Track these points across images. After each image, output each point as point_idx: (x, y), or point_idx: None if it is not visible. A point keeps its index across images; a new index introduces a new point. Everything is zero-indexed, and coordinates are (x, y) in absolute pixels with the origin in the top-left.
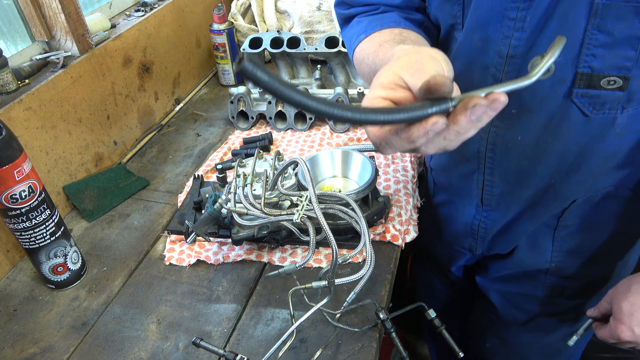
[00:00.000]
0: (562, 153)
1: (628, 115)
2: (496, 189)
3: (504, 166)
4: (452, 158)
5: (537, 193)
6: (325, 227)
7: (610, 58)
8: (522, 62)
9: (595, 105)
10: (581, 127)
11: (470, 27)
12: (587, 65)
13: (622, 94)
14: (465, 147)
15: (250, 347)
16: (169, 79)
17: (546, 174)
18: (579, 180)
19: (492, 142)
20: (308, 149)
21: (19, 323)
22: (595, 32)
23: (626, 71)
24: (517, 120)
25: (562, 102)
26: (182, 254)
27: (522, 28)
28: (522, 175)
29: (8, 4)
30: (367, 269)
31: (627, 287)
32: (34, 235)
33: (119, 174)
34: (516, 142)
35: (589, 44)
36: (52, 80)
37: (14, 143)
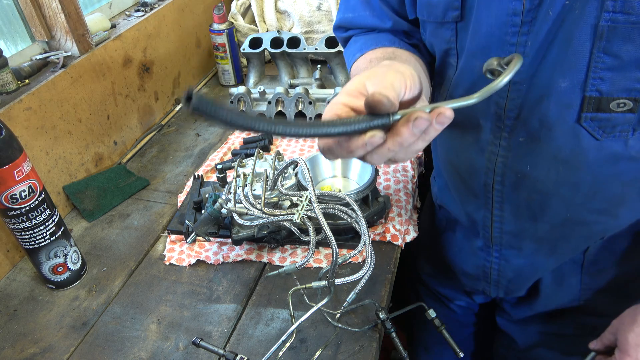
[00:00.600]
0: (576, 183)
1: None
2: (506, 225)
3: (514, 200)
4: (459, 193)
5: (553, 227)
6: (325, 227)
7: (619, 81)
8: (526, 88)
9: (606, 128)
10: (593, 152)
11: (471, 53)
12: (595, 89)
13: (633, 116)
14: (472, 180)
15: (250, 347)
16: (169, 79)
17: (561, 207)
18: (598, 209)
19: (499, 173)
20: (308, 149)
21: (19, 323)
22: (601, 55)
23: (636, 93)
24: (525, 150)
25: (571, 128)
26: (182, 254)
27: (525, 53)
28: (534, 209)
29: (8, 4)
30: (367, 269)
31: (632, 318)
32: (34, 235)
33: (119, 174)
34: (525, 173)
35: (595, 67)
36: (52, 80)
37: (14, 143)
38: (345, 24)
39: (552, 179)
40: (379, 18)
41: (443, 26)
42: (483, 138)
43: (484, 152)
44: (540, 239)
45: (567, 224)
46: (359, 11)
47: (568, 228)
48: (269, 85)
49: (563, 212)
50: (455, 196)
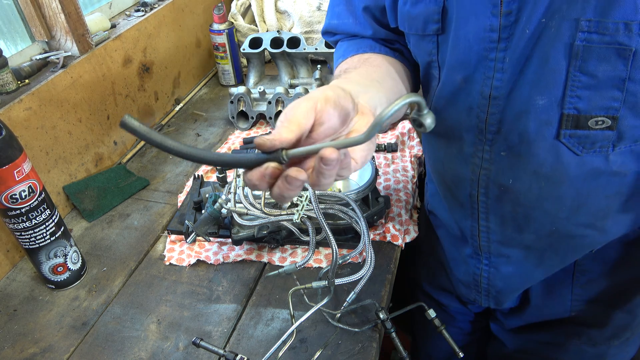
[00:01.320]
0: (559, 197)
1: (621, 152)
2: (493, 235)
3: (498, 212)
4: (447, 202)
5: (540, 238)
6: (325, 227)
7: (596, 99)
8: (505, 103)
9: (585, 144)
10: (574, 167)
11: (451, 66)
12: (573, 107)
13: (612, 133)
14: (458, 190)
15: (250, 347)
16: (169, 79)
17: (546, 220)
18: (584, 223)
19: (483, 185)
20: None
21: (19, 323)
22: (577, 73)
23: (614, 111)
24: (507, 164)
25: (551, 144)
26: (182, 254)
27: (503, 69)
28: (519, 221)
29: (8, 4)
30: (367, 269)
31: None
32: (34, 235)
33: (119, 174)
34: (508, 186)
35: (572, 86)
36: (52, 80)
37: (14, 143)
38: (331, 30)
39: (534, 193)
40: (361, 26)
41: (424, 39)
42: (466, 150)
43: (467, 164)
44: (528, 247)
45: (554, 235)
46: (343, 19)
47: (555, 239)
48: (269, 85)
49: (548, 225)
50: (444, 204)
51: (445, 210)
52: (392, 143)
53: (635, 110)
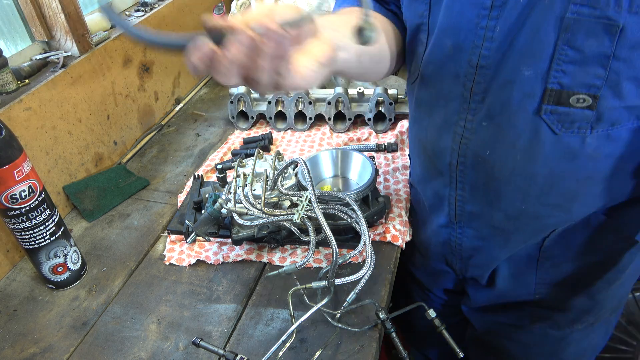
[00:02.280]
0: (532, 174)
1: (598, 136)
2: (467, 205)
3: (473, 182)
4: (427, 171)
5: (508, 218)
6: (325, 227)
7: (580, 75)
8: (492, 73)
9: (564, 123)
10: (550, 146)
11: (442, 30)
12: (557, 82)
13: (592, 113)
14: (438, 159)
15: (250, 347)
16: (169, 79)
17: (516, 197)
18: (552, 204)
19: (462, 154)
20: (308, 149)
21: (19, 323)
22: (565, 47)
23: (595, 90)
24: (487, 135)
25: (531, 119)
26: (182, 254)
27: (492, 38)
28: (491, 194)
29: (8, 4)
30: (367, 269)
31: None
32: (34, 235)
33: (119, 174)
34: (485, 157)
35: (558, 60)
36: (52, 80)
37: (14, 143)
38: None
39: (509, 167)
40: None
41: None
42: (450, 119)
43: (450, 133)
44: (495, 228)
45: (522, 217)
46: None
47: (522, 222)
48: None
49: (518, 203)
50: (424, 174)
51: (425, 180)
52: (392, 143)
53: (616, 91)
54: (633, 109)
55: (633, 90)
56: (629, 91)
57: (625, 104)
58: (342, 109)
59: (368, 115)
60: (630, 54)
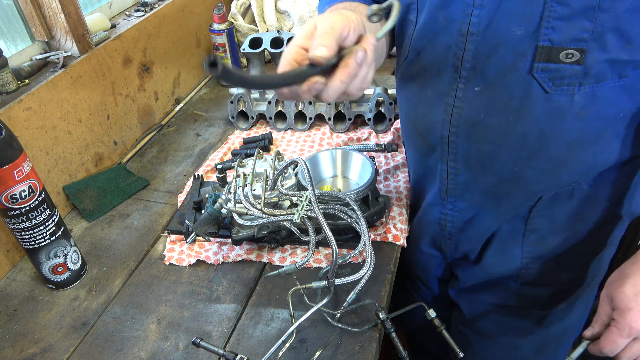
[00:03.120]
0: (524, 135)
1: (585, 94)
2: (460, 176)
3: (466, 151)
4: (418, 149)
5: (500, 181)
6: (325, 227)
7: (568, 30)
8: (480, 39)
9: (555, 80)
10: (542, 105)
11: (434, 5)
12: (547, 39)
13: (579, 68)
14: (429, 134)
15: (250, 347)
16: (169, 79)
17: (508, 158)
18: (542, 168)
19: (455, 124)
20: (308, 149)
21: (19, 323)
22: (554, 4)
23: (583, 43)
24: (480, 98)
25: (524, 78)
26: (182, 254)
27: (482, 5)
28: (484, 160)
29: (8, 4)
30: (367, 269)
31: (620, 275)
32: (34, 235)
33: (119, 174)
34: (478, 122)
35: (548, 17)
36: (52, 80)
37: (14, 143)
38: None
39: (502, 128)
40: None
41: None
42: (441, 90)
43: (441, 104)
44: (487, 193)
45: (513, 180)
46: None
47: (513, 185)
48: None
49: (510, 164)
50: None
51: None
52: (392, 143)
53: (601, 43)
54: (616, 63)
55: (615, 42)
56: (612, 42)
57: (609, 57)
58: (342, 109)
59: (368, 115)
60: (613, 4)
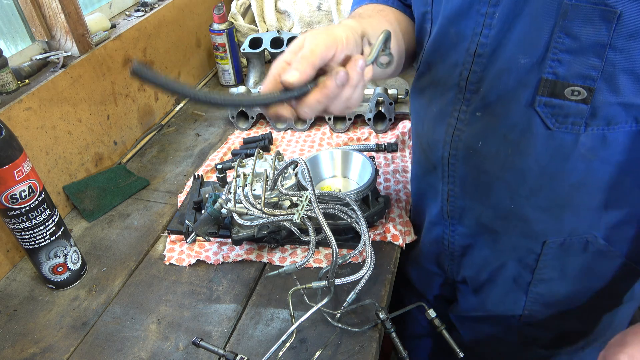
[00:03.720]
0: (522, 170)
1: (593, 135)
2: (459, 200)
3: (464, 176)
4: (420, 166)
5: (497, 216)
6: (325, 227)
7: (576, 65)
8: (488, 62)
9: (558, 117)
10: (542, 141)
11: (446, 18)
12: (552, 71)
13: (586, 107)
14: (432, 152)
15: (250, 347)
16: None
17: (505, 194)
18: (542, 207)
19: (454, 147)
20: (308, 149)
21: (19, 323)
22: (562, 35)
23: (591, 82)
24: (480, 124)
25: (524, 111)
26: (182, 254)
27: (491, 25)
28: (481, 190)
29: (8, 4)
30: (367, 269)
31: (621, 341)
32: (34, 235)
33: (119, 174)
34: (476, 149)
35: (554, 48)
36: (52, 80)
37: (14, 143)
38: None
39: (500, 160)
40: None
41: None
42: (445, 109)
43: (444, 124)
44: (484, 225)
45: (511, 217)
46: None
47: (511, 223)
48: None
49: (507, 201)
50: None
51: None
52: (392, 143)
53: (612, 84)
54: (630, 107)
55: (629, 85)
56: (625, 85)
57: (621, 100)
58: None
59: (368, 115)
60: (627, 43)
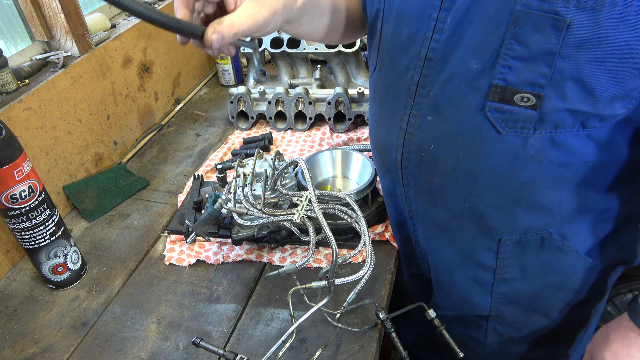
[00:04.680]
0: (473, 172)
1: (541, 138)
2: (413, 203)
3: (417, 180)
4: (379, 167)
5: (452, 215)
6: (325, 227)
7: (525, 73)
8: (438, 66)
9: (508, 122)
10: (492, 144)
11: (398, 19)
12: (502, 78)
13: (535, 113)
14: (386, 155)
15: (250, 347)
16: (169, 79)
17: (459, 194)
18: (494, 204)
19: (407, 150)
20: (308, 149)
21: (19, 323)
22: (512, 41)
23: (539, 89)
24: (431, 128)
25: (475, 116)
26: (182, 254)
27: (442, 30)
28: (434, 192)
29: (8, 4)
30: (367, 269)
31: (605, 337)
32: (34, 235)
33: (119, 174)
34: (429, 152)
35: (505, 55)
36: (52, 80)
37: (14, 143)
38: None
39: (452, 163)
40: None
41: None
42: (397, 112)
43: (396, 128)
44: (439, 227)
45: (465, 215)
46: None
47: (466, 220)
48: (269, 85)
49: (461, 200)
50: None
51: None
52: None
53: (560, 91)
54: (577, 113)
55: (577, 92)
56: (572, 92)
57: (568, 106)
58: (342, 109)
59: (368, 116)
60: (576, 52)
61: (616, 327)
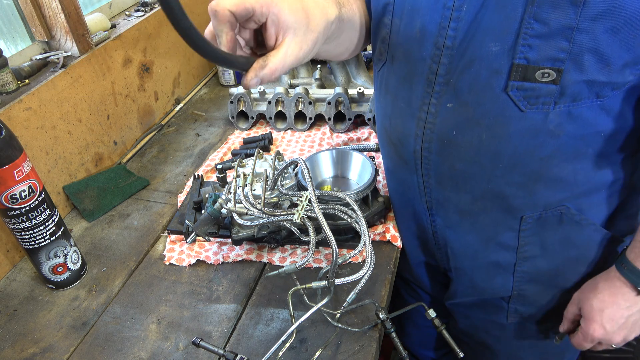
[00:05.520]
0: (497, 153)
1: (560, 112)
2: (434, 192)
3: (439, 168)
4: (392, 161)
5: (475, 199)
6: (325, 227)
7: (545, 49)
8: (455, 53)
9: (530, 99)
10: (515, 123)
11: (409, 11)
12: (523, 57)
13: (555, 88)
14: (403, 148)
15: (250, 347)
16: (169, 79)
17: (482, 176)
18: (516, 182)
19: (427, 139)
20: (308, 149)
21: (19, 323)
22: (531, 21)
23: (560, 63)
24: (452, 115)
25: (498, 96)
26: (182, 254)
27: (459, 18)
28: (457, 178)
29: (8, 4)
30: (367, 269)
31: (593, 286)
32: (34, 235)
33: (119, 174)
34: (450, 139)
35: (525, 34)
36: (52, 80)
37: (14, 143)
38: None
39: (475, 147)
40: None
41: None
42: (414, 104)
43: (414, 119)
44: (461, 212)
45: (487, 196)
46: None
47: (488, 201)
48: (269, 85)
49: (484, 183)
50: (391, 164)
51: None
52: None
53: (579, 63)
54: (593, 84)
55: (594, 63)
56: (590, 64)
57: (586, 77)
58: (342, 109)
59: (368, 115)
60: (592, 24)
61: (605, 278)
